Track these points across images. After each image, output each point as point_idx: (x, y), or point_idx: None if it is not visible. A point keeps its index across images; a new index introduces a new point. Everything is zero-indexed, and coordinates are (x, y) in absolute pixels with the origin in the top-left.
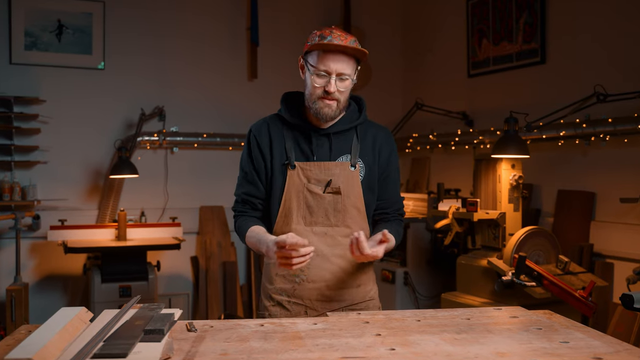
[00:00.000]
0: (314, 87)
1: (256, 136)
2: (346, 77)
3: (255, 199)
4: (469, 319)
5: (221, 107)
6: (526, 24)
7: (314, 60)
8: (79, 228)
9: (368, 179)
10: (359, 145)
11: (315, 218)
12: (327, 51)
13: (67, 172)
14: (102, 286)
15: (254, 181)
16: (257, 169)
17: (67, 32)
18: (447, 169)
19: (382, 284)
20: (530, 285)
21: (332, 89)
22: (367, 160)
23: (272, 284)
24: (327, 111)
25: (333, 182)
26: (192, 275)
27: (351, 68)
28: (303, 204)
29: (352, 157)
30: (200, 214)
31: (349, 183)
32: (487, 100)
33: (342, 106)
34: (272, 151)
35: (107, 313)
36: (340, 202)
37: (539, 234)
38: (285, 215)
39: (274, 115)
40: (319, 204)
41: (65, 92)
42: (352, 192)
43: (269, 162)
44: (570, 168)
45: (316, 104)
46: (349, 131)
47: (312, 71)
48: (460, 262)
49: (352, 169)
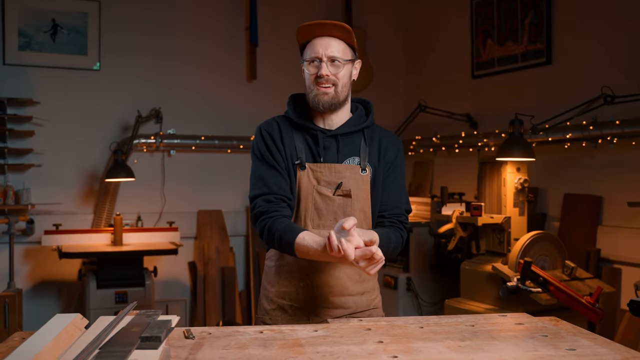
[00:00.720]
0: (309, 76)
1: (269, 132)
2: (338, 60)
3: (287, 193)
4: (473, 326)
5: (219, 109)
6: (532, 24)
7: (306, 54)
8: (74, 233)
9: (374, 182)
10: (367, 149)
11: (324, 221)
12: (314, 37)
13: (61, 175)
14: (98, 292)
15: (281, 173)
16: (279, 161)
17: (61, 32)
18: (450, 172)
19: (384, 290)
20: (536, 292)
21: (323, 72)
22: (374, 163)
23: (274, 286)
24: (325, 98)
25: (343, 184)
26: (190, 281)
27: (341, 52)
28: (312, 206)
29: (361, 161)
30: (198, 218)
31: (359, 187)
32: (491, 101)
33: (340, 94)
34: (285, 149)
35: (103, 320)
36: (350, 205)
37: (544, 238)
38: (294, 217)
39: (282, 116)
40: (328, 207)
41: (60, 94)
42: (362, 196)
43: (285, 158)
44: (576, 171)
45: (313, 92)
46: (356, 133)
47: (305, 63)
48: (464, 267)
49: (362, 173)
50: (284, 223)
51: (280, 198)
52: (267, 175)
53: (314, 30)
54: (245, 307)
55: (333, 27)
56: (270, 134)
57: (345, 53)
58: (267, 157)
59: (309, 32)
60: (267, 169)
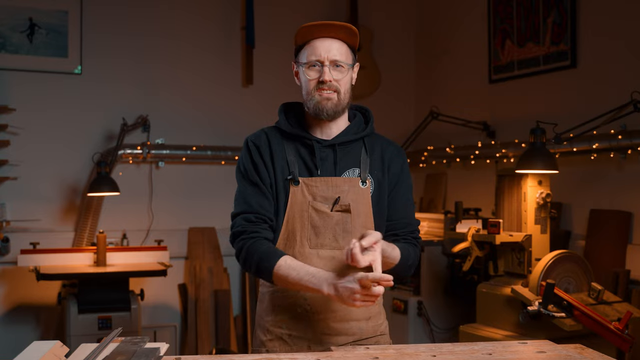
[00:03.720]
0: (309, 81)
1: (257, 145)
2: (341, 64)
3: (269, 214)
4: (490, 354)
5: (213, 116)
6: (555, 23)
7: (304, 56)
8: (53, 252)
9: (377, 196)
10: (368, 159)
11: (322, 240)
12: (315, 39)
13: (39, 189)
14: (79, 317)
15: (264, 192)
16: (263, 179)
17: (39, 32)
18: (465, 185)
19: (393, 315)
20: (560, 317)
21: (327, 77)
22: (377, 175)
23: (270, 314)
24: (327, 104)
25: (342, 199)
26: (180, 305)
27: (345, 55)
28: (308, 224)
29: (361, 172)
30: (189, 236)
31: (359, 201)
32: (510, 108)
33: (343, 100)
34: (274, 164)
35: (85, 347)
36: (350, 221)
37: (569, 258)
38: (288, 237)
39: (272, 127)
40: (326, 224)
41: (38, 100)
42: (362, 210)
43: (273, 176)
44: (604, 185)
45: (314, 99)
46: (355, 143)
47: (304, 67)
48: (481, 290)
49: (362, 185)
50: (264, 245)
51: (261, 218)
52: (249, 193)
53: (314, 31)
54: (241, 334)
55: (337, 28)
56: (258, 148)
57: (348, 57)
58: (250, 173)
59: (309, 33)
60: (249, 187)
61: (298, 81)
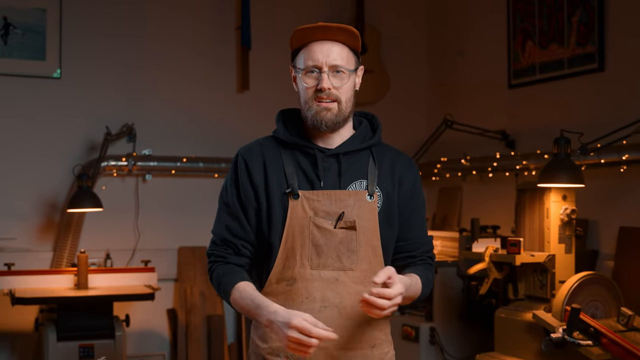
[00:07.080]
0: (306, 89)
1: (246, 159)
2: (341, 70)
3: (238, 239)
4: None
5: (205, 125)
6: (581, 23)
7: (300, 61)
8: (30, 274)
9: (386, 210)
10: (376, 170)
11: (324, 260)
12: (312, 42)
13: (14, 205)
14: (59, 345)
15: (238, 217)
16: (242, 201)
17: (14, 33)
18: (482, 201)
19: (403, 343)
20: (586, 345)
21: (325, 85)
22: (386, 188)
23: (265, 342)
24: (327, 115)
25: (346, 215)
26: (169, 332)
27: (345, 59)
28: (309, 243)
29: (369, 185)
30: (179, 256)
31: (365, 217)
32: (532, 116)
33: (345, 110)
34: (268, 178)
35: None
36: (355, 240)
37: (596, 281)
38: (287, 257)
39: (268, 137)
40: (329, 243)
41: (13, 107)
42: (369, 227)
43: (263, 191)
44: (634, 200)
45: (312, 109)
46: (361, 152)
47: (301, 73)
48: (500, 315)
49: (369, 199)
50: (223, 269)
51: (226, 243)
52: (223, 216)
53: (311, 33)
54: None
55: (336, 30)
56: (247, 164)
57: (349, 61)
58: (228, 193)
59: (305, 35)
60: (224, 207)
61: (296, 87)
